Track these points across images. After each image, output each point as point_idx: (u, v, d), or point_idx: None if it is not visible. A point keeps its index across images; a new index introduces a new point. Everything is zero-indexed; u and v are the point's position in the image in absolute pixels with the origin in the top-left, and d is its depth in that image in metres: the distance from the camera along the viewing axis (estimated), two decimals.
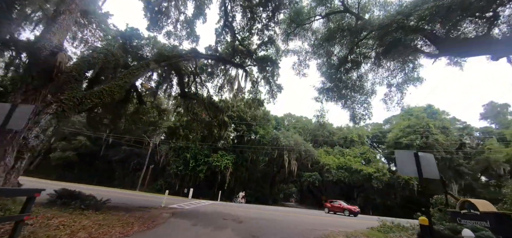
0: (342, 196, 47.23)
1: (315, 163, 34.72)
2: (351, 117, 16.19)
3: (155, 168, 41.67)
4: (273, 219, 14.27)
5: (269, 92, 19.72)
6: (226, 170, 31.62)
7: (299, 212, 21.96)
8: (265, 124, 36.47)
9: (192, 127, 23.75)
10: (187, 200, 24.13)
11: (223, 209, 17.82)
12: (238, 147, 37.89)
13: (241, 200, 29.24)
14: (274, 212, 19.34)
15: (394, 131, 33.14)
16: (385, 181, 28.42)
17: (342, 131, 43.03)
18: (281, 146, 32.93)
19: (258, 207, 23.93)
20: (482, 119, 40.47)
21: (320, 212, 25.58)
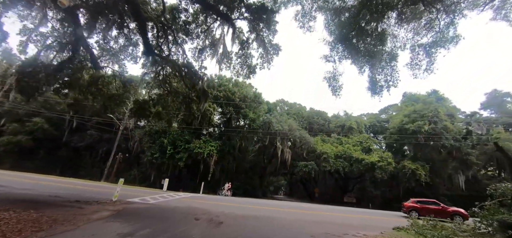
0: (338, 189, 44.93)
1: (310, 152, 31.51)
2: (370, 86, 12.62)
3: (129, 157, 36.83)
4: (268, 218, 10.56)
5: (262, 56, 15.69)
6: (210, 158, 27.62)
7: (294, 206, 18.54)
8: (256, 107, 32.57)
9: (166, 102, 19.32)
10: (161, 193, 20.03)
11: (201, 204, 13.93)
12: (224, 133, 33.83)
13: (226, 192, 25.52)
14: (266, 206, 15.72)
15: (399, 116, 30.46)
16: (390, 170, 25.64)
17: (338, 118, 40.08)
18: (273, 131, 29.28)
19: (246, 201, 20.25)
20: (481, 109, 38.92)
21: (316, 206, 22.34)
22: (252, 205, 16.11)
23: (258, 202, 19.50)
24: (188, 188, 29.86)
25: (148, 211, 9.89)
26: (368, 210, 23.78)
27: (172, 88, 17.79)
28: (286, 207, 17.10)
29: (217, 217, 9.79)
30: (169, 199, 15.90)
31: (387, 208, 31.34)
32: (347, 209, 19.94)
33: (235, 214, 11.04)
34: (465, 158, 26.66)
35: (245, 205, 15.50)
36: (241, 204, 16.18)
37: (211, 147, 27.85)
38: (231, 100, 29.43)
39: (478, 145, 29.02)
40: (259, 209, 14.11)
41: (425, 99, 29.98)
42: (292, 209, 15.72)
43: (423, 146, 29.32)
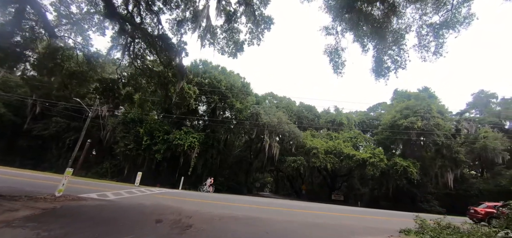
0: (325, 186, 44.06)
1: (300, 147, 30.03)
2: (375, 67, 10.99)
3: (100, 148, 33.42)
4: (253, 219, 8.61)
5: (252, 31, 13.67)
6: (191, 151, 25.25)
7: (282, 204, 16.81)
8: (244, 98, 30.48)
9: (139, 84, 16.81)
10: (131, 188, 17.52)
11: (174, 202, 11.77)
12: (208, 125, 31.49)
13: (208, 188, 23.37)
14: (251, 204, 13.81)
15: (391, 112, 29.70)
16: (382, 167, 24.71)
17: (329, 114, 39.00)
18: (261, 123, 27.38)
19: (229, 197, 18.26)
20: (467, 109, 39.43)
21: (305, 203, 20.83)
22: (235, 202, 14.13)
23: (243, 199, 17.56)
24: (166, 183, 27.32)
25: (95, 210, 7.60)
26: (361, 208, 22.68)
27: (146, 66, 15.31)
28: (273, 205, 15.30)
29: (189, 218, 7.72)
30: (137, 195, 13.53)
31: (375, 206, 30.71)
32: (339, 208, 18.54)
33: (212, 214, 9.01)
34: (454, 156, 26.37)
35: (227, 203, 13.49)
36: (222, 201, 14.15)
37: (192, 138, 25.46)
38: (215, 88, 27.11)
39: (465, 143, 28.97)
40: (242, 207, 12.17)
41: (417, 95, 29.50)
42: (279, 207, 13.94)
43: (412, 143, 28.84)
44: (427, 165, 28.56)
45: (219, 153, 32.82)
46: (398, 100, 32.15)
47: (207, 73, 28.70)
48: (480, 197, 27.58)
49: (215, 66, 31.83)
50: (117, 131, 28.21)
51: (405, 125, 25.66)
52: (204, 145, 28.57)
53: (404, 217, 14.26)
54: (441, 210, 28.46)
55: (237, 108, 27.48)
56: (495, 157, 25.82)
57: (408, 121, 25.73)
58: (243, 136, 39.94)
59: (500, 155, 25.57)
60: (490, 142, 26.03)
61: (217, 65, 31.97)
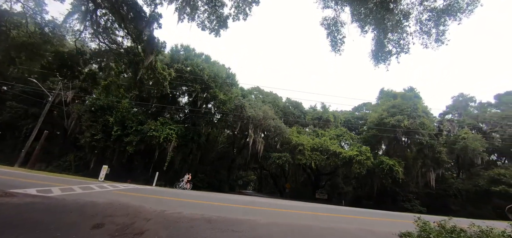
0: (309, 184, 43.54)
1: (285, 143, 28.86)
2: (375, 50, 9.84)
3: (64, 138, 29.94)
4: (231, 223, 6.99)
5: (238, 4, 12.09)
6: (168, 144, 23.03)
7: (266, 203, 15.38)
8: (228, 89, 28.65)
9: (105, 61, 14.55)
10: (92, 183, 15.14)
11: (138, 200, 9.83)
12: (189, 117, 29.29)
13: (185, 185, 21.37)
14: (231, 203, 12.20)
15: (378, 111, 29.51)
16: (368, 165, 24.21)
17: (315, 111, 38.32)
18: (246, 116, 25.78)
19: (208, 195, 16.50)
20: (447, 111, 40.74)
21: (290, 203, 19.63)
22: (212, 201, 12.42)
23: (223, 197, 15.88)
24: (140, 179, 24.88)
25: (18, 210, 5.58)
26: (348, 208, 21.91)
27: (112, 40, 13.05)
28: (256, 204, 13.81)
29: (146, 221, 5.97)
30: (94, 191, 11.36)
31: (358, 205, 30.48)
32: (325, 207, 17.49)
33: (180, 215, 7.28)
34: (436, 156, 26.64)
35: (203, 201, 11.76)
36: (197, 199, 12.39)
37: (170, 130, 23.24)
38: (197, 76, 25.03)
39: (446, 144, 29.53)
40: (220, 207, 10.53)
41: (404, 95, 29.58)
42: (263, 206, 12.48)
43: (396, 143, 28.88)
44: (410, 165, 28.72)
45: (200, 147, 30.77)
46: (384, 99, 32.17)
47: (189, 60, 26.49)
48: (459, 197, 28.31)
49: (198, 54, 29.63)
50: (83, 119, 25.12)
51: (392, 123, 25.44)
52: (183, 139, 26.42)
53: (399, 217, 13.44)
54: (422, 209, 28.82)
55: (220, 99, 25.62)
56: (474, 158, 26.54)
57: (395, 119, 25.53)
58: (225, 130, 38.12)
59: (479, 156, 26.27)
60: (470, 142, 26.64)
61: (200, 53, 29.81)
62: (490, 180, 24.91)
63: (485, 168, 27.36)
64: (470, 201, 26.96)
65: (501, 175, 24.21)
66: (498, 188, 23.39)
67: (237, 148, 34.37)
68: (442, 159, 26.43)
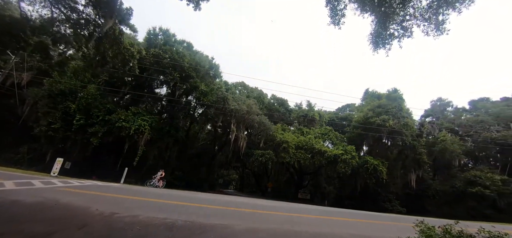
0: (291, 184, 42.79)
1: (269, 140, 27.63)
2: (376, 33, 8.76)
3: (17, 127, 26.11)
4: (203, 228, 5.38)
5: None
6: (139, 137, 20.69)
7: (246, 203, 13.90)
8: (210, 81, 26.74)
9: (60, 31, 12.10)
10: (38, 178, 12.66)
11: (89, 199, 7.84)
12: (166, 109, 26.98)
13: (157, 183, 19.24)
14: (207, 203, 10.58)
15: (363, 110, 29.37)
16: (353, 164, 23.71)
17: (301, 109, 37.60)
18: (229, 110, 24.10)
19: (183, 195, 14.72)
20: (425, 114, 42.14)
21: (273, 203, 18.37)
22: (184, 200, 10.70)
23: (198, 197, 14.14)
24: (107, 175, 22.14)
25: None
26: (333, 209, 21.09)
27: (71, 7, 10.83)
28: (234, 204, 12.29)
29: (77, 229, 4.22)
30: (33, 188, 9.16)
31: (341, 205, 30.14)
32: (310, 208, 16.42)
33: (135, 221, 5.57)
34: (417, 157, 26.95)
35: (172, 201, 10.00)
36: (167, 199, 10.58)
37: (142, 121, 20.89)
38: (177, 63, 22.88)
39: (426, 146, 30.13)
40: (191, 208, 8.86)
41: (388, 95, 29.73)
42: (242, 207, 10.99)
43: (379, 143, 28.92)
44: (391, 165, 28.88)
45: (178, 142, 28.52)
46: (369, 100, 32.24)
47: (168, 45, 24.21)
48: (437, 197, 28.97)
49: (179, 40, 27.37)
50: (39, 105, 21.85)
51: (378, 122, 25.25)
52: (159, 132, 24.11)
53: (391, 220, 12.61)
54: (402, 210, 29.18)
55: (201, 90, 23.68)
56: (452, 160, 27.28)
57: (381, 118, 25.38)
58: (207, 126, 36.09)
59: (457, 158, 27.04)
60: (449, 145, 27.32)
61: (181, 40, 27.58)
62: (467, 181, 25.69)
63: (460, 170, 28.30)
64: (447, 202, 27.66)
65: (477, 177, 25.03)
66: (474, 190, 24.10)
67: (218, 144, 32.55)
68: (423, 160, 26.81)
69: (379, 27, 8.33)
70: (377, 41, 8.73)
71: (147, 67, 22.97)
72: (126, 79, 24.01)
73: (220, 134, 33.84)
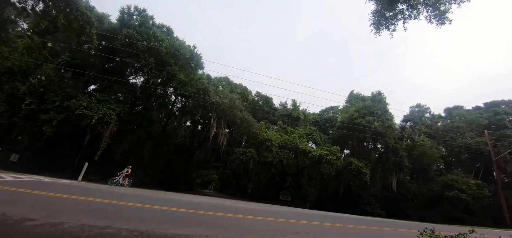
0: (272, 185, 41.64)
1: (252, 138, 26.20)
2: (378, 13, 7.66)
3: None
4: None
5: None
6: (104, 127, 18.14)
7: (221, 206, 12.28)
8: (191, 71, 24.68)
9: None
10: None
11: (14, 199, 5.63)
12: (140, 99, 24.40)
13: (122, 180, 16.87)
14: (175, 206, 8.81)
15: (349, 111, 29.04)
16: (337, 165, 23.03)
17: (285, 108, 36.66)
18: (209, 102, 22.25)
19: (145, 195, 12.69)
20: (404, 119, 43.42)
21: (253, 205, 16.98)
22: (144, 202, 8.83)
23: (170, 198, 12.25)
24: (64, 171, 19.22)
25: None
26: (320, 212, 20.11)
27: None
28: (210, 207, 10.64)
29: None
30: None
31: (323, 207, 29.56)
32: (294, 211, 15.22)
33: (55, 231, 3.72)
34: (398, 160, 27.12)
35: (130, 203, 8.10)
36: (128, 200, 8.65)
37: (108, 110, 18.34)
38: (153, 46, 20.58)
39: (406, 149, 30.59)
40: (153, 213, 7.08)
41: (374, 97, 29.76)
42: (218, 211, 9.38)
43: (363, 144, 28.80)
44: (372, 168, 28.85)
45: (152, 137, 26.09)
46: (353, 101, 32.16)
47: (144, 27, 21.78)
48: (415, 200, 29.44)
49: (158, 25, 24.94)
50: None
51: (363, 123, 24.91)
52: (129, 124, 21.57)
53: (393, 226, 11.65)
54: (382, 213, 29.27)
55: (179, 79, 21.56)
56: (431, 164, 27.89)
57: (366, 119, 25.08)
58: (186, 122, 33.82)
59: (435, 162, 27.67)
60: (428, 149, 27.89)
61: (160, 24, 25.17)
62: (444, 185, 26.31)
63: (437, 174, 29.08)
64: (425, 205, 28.17)
65: (453, 181, 25.70)
66: (451, 193, 24.67)
67: (197, 141, 30.45)
68: (404, 164, 27.02)
69: (384, 5, 7.20)
70: (380, 22, 7.63)
71: (118, 48, 20.43)
72: (93, 61, 21.19)
73: (200, 130, 31.80)
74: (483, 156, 30.57)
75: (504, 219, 23.41)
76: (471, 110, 37.11)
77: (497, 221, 24.46)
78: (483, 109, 34.72)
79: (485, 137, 26.62)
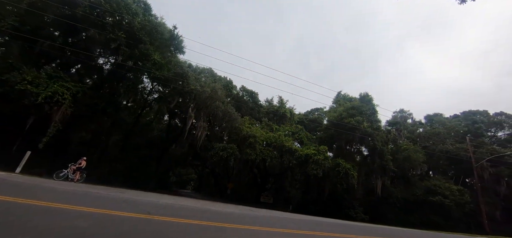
0: (253, 186, 39.53)
1: (234, 133, 23.92)
2: None
3: None
4: None
5: None
6: (53, 109, 14.85)
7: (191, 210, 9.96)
8: (169, 56, 21.80)
9: None
10: None
11: None
12: (106, 81, 21.04)
13: (72, 175, 13.77)
14: (128, 210, 6.32)
15: (337, 111, 27.88)
16: (325, 166, 21.52)
17: (271, 105, 34.84)
18: (188, 89, 19.62)
19: (103, 194, 10.03)
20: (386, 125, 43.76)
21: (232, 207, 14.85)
22: (83, 205, 6.29)
23: (123, 198, 9.67)
24: (2, 159, 15.46)
25: None
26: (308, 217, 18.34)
27: None
28: (174, 211, 8.28)
29: None
30: None
31: (305, 211, 28.12)
32: (280, 215, 13.28)
33: None
34: (384, 163, 26.44)
35: (59, 205, 5.53)
36: (59, 201, 6.05)
37: (60, 88, 15.05)
38: (126, 19, 17.54)
39: (391, 153, 30.20)
40: (98, 217, 4.60)
41: (363, 98, 28.93)
42: (185, 218, 7.06)
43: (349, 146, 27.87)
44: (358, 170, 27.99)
45: (119, 126, 22.78)
46: (341, 102, 31.23)
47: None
48: (398, 205, 29.00)
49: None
50: None
51: (352, 123, 23.78)
52: (90, 108, 18.25)
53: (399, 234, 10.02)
54: (365, 217, 28.44)
55: (154, 60, 18.67)
56: (415, 168, 27.66)
57: (356, 119, 23.98)
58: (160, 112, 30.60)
59: (419, 167, 27.46)
60: (412, 153, 27.63)
61: None
62: (427, 190, 26.08)
63: (420, 179, 29.01)
64: (407, 210, 27.80)
65: (436, 186, 25.54)
66: (435, 198, 24.40)
67: (172, 134, 27.50)
68: (389, 167, 26.40)
69: None
70: None
71: (80, 16, 17.15)
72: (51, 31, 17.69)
73: (176, 122, 28.88)
74: (460, 162, 31.22)
75: (482, 225, 23.54)
76: (450, 118, 38.20)
77: (476, 227, 24.61)
78: (461, 117, 35.77)
79: (467, 143, 26.89)
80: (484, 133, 32.06)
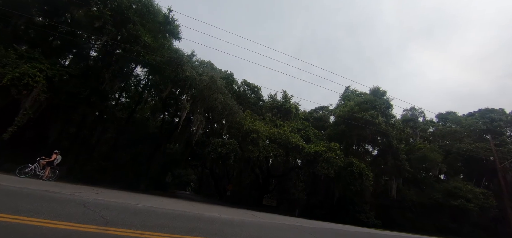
0: (255, 188, 37.07)
1: (234, 128, 21.58)
2: None
3: None
4: None
5: None
6: (23, 93, 12.58)
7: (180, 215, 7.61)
8: (163, 41, 19.54)
9: None
10: None
11: None
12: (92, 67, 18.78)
13: (40, 171, 11.47)
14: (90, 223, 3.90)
15: (348, 105, 25.48)
16: (338, 165, 19.11)
17: (275, 100, 32.51)
18: (183, 77, 17.31)
19: (78, 196, 7.56)
20: None
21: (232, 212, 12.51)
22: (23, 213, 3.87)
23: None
24: None
25: None
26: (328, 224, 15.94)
27: None
28: (142, 220, 5.96)
29: None
30: None
31: (311, 215, 25.75)
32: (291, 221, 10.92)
33: None
34: (398, 163, 24.04)
35: None
36: None
37: (30, 68, 12.77)
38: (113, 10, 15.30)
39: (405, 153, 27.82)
40: None
41: (375, 92, 26.56)
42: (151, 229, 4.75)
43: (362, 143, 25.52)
44: None
45: (105, 118, 20.50)
46: (350, 97, 28.88)
47: None
48: (414, 210, 26.51)
49: None
50: None
51: (366, 118, 21.40)
52: (70, 96, 15.96)
53: None
54: (377, 223, 25.99)
55: (144, 43, 16.39)
56: (432, 169, 25.30)
57: (369, 114, 21.61)
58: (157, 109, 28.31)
59: (437, 167, 25.08)
60: (428, 153, 25.27)
61: None
62: (447, 193, 23.65)
63: (435, 181, 26.57)
64: (425, 214, 25.32)
65: (457, 188, 23.11)
66: (457, 202, 21.96)
67: (166, 128, 25.22)
68: (404, 168, 23.98)
69: None
70: None
71: None
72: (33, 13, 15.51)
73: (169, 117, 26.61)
74: (475, 162, 28.75)
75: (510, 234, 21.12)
76: (465, 116, 35.83)
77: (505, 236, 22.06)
78: (478, 116, 33.38)
79: (489, 141, 24.51)
80: (504, 132, 29.69)
